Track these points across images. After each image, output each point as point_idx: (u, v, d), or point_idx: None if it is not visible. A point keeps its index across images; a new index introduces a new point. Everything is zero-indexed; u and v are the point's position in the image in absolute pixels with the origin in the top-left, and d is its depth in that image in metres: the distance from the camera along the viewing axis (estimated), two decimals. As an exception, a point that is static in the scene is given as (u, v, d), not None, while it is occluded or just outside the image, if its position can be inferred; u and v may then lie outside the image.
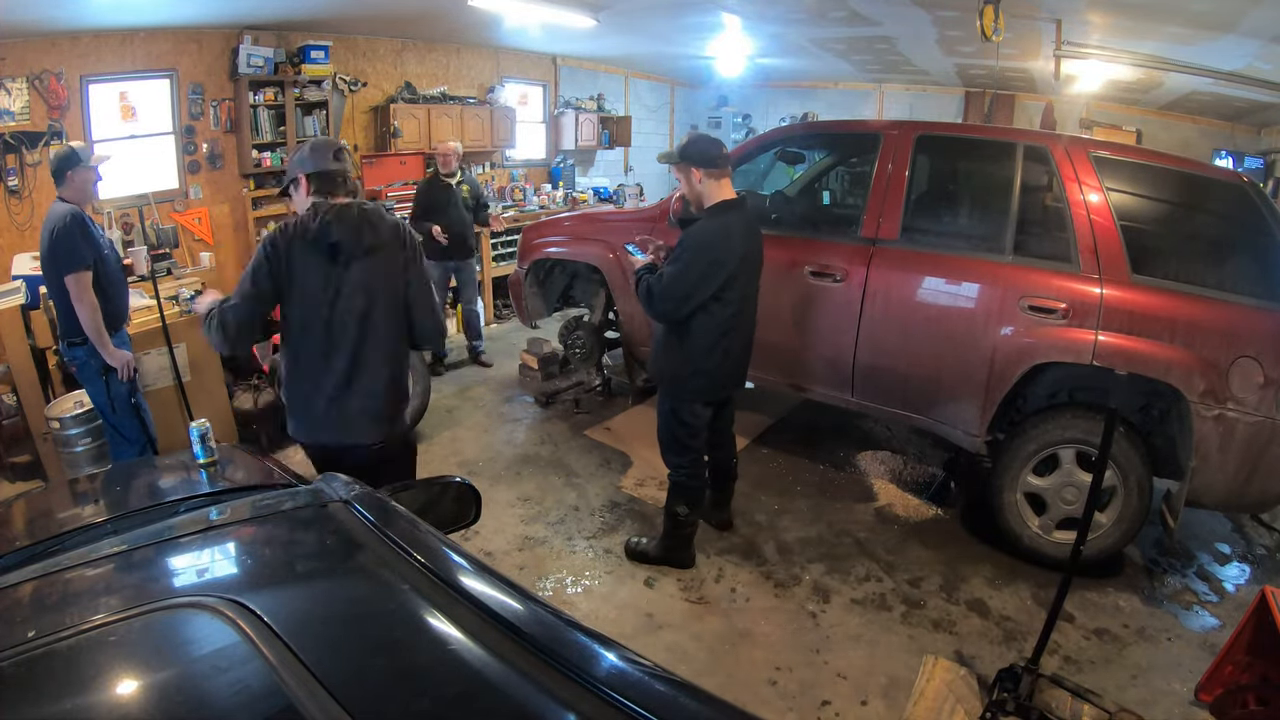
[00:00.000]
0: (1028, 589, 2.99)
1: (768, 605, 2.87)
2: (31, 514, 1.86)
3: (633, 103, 9.41)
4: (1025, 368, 2.96)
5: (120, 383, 3.09)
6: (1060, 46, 5.06)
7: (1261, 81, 5.08)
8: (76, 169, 2.93)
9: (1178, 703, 2.41)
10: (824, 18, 5.67)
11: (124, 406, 3.14)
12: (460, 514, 1.68)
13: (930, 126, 3.76)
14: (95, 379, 3.08)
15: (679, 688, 0.89)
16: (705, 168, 2.62)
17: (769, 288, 3.00)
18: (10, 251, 4.21)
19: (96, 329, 2.93)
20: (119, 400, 3.12)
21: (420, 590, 1.01)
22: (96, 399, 3.16)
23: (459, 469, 3.90)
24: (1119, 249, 2.86)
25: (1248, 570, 3.24)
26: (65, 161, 2.92)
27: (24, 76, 4.27)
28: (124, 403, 3.13)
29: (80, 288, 2.87)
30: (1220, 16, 4.05)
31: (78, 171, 2.94)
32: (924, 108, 8.61)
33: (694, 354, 2.71)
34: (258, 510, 1.38)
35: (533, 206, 7.55)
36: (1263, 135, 7.10)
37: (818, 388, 3.68)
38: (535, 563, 3.10)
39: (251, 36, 5.20)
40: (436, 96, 6.60)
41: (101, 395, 3.11)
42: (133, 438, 3.19)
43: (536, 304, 4.81)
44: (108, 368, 3.04)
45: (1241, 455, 2.69)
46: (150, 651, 0.94)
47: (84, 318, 2.91)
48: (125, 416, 3.16)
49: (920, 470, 3.99)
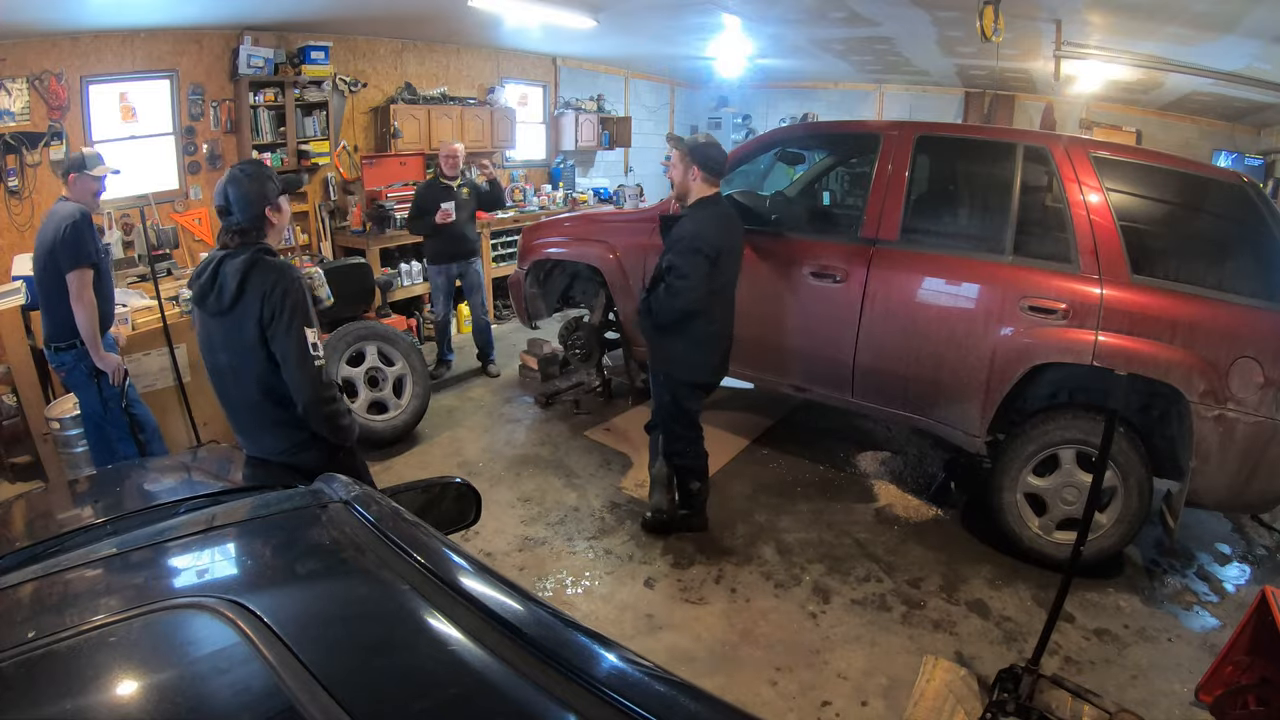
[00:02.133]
0: (1028, 589, 2.99)
1: (768, 605, 2.87)
2: (31, 514, 1.86)
3: (632, 103, 9.41)
4: (1025, 368, 2.96)
5: (112, 385, 3.07)
6: (1060, 47, 5.06)
7: (1261, 81, 5.08)
8: (80, 175, 2.95)
9: (1178, 703, 2.41)
10: (824, 18, 5.67)
11: (115, 410, 3.11)
12: (460, 515, 1.68)
13: (930, 127, 3.76)
14: (85, 383, 3.05)
15: (679, 688, 0.89)
16: (706, 173, 2.86)
17: (770, 288, 3.02)
18: (10, 252, 4.21)
19: (92, 330, 2.92)
20: (111, 403, 3.09)
21: (420, 591, 1.01)
22: (88, 404, 3.13)
23: (459, 469, 3.90)
24: (1119, 249, 2.86)
25: (1248, 570, 3.24)
26: (71, 165, 2.98)
27: (24, 77, 4.27)
28: (115, 406, 3.10)
29: (82, 285, 2.87)
30: (1220, 17, 4.04)
31: (81, 178, 2.96)
32: (924, 108, 8.61)
33: (695, 341, 2.93)
34: (258, 511, 1.38)
35: (533, 207, 7.56)
36: (1263, 135, 7.10)
37: (818, 388, 3.68)
38: (535, 563, 3.10)
39: (252, 37, 5.20)
40: (437, 97, 6.61)
41: (94, 400, 3.08)
42: (125, 437, 3.16)
43: (536, 305, 4.81)
44: (98, 371, 3.02)
45: (1241, 455, 2.69)
46: (150, 652, 0.94)
47: (81, 317, 2.89)
48: (117, 418, 3.13)
49: (920, 471, 3.98)
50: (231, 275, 1.93)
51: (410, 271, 6.04)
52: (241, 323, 1.95)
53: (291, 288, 1.95)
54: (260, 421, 2.09)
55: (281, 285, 1.94)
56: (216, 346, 2.05)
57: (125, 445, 3.16)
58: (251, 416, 2.10)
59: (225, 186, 1.97)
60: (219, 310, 1.97)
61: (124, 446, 3.16)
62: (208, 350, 2.08)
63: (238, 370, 2.04)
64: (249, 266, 1.94)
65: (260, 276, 1.94)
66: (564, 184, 8.29)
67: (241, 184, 1.97)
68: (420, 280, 6.07)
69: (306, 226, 5.94)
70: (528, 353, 5.20)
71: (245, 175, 1.99)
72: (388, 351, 4.20)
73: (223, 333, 2.01)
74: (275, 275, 1.95)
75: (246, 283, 1.93)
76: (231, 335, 1.99)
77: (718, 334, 3.00)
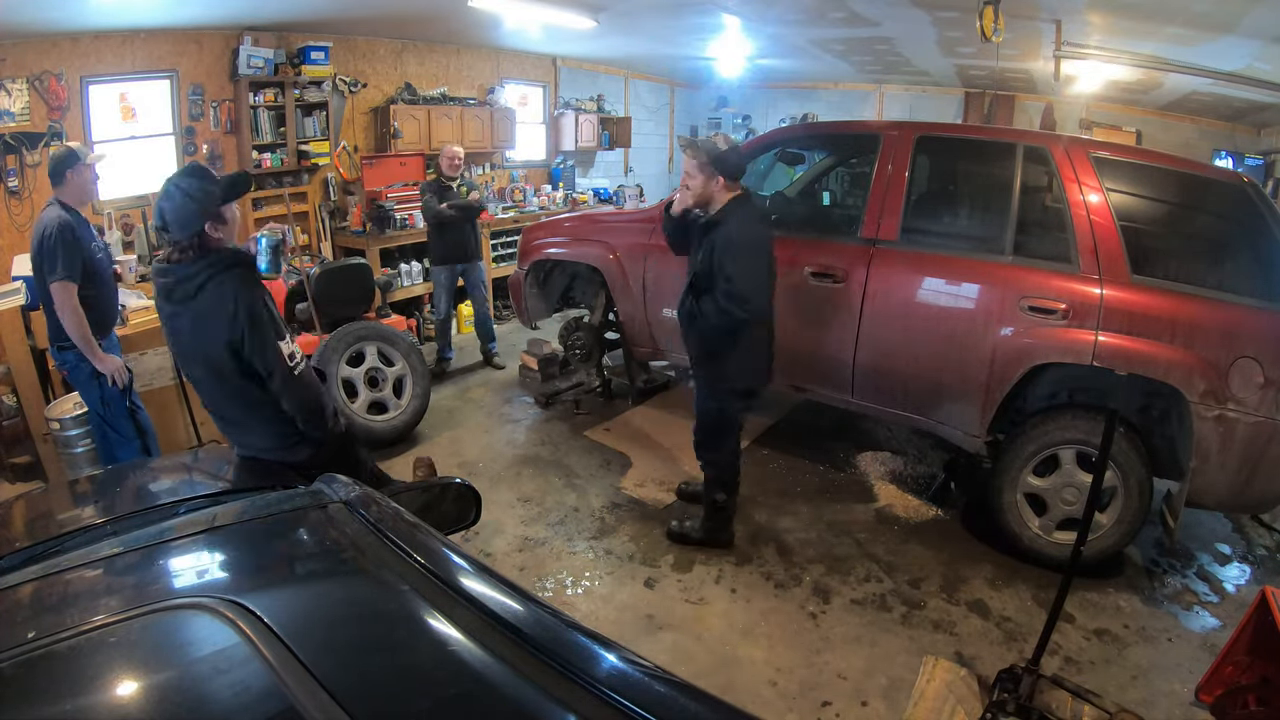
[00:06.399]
0: (1028, 589, 2.99)
1: (768, 606, 2.87)
2: (31, 515, 1.86)
3: (632, 104, 9.42)
4: (1025, 368, 2.96)
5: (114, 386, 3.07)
6: (1060, 47, 5.06)
7: (1261, 82, 5.08)
8: (75, 168, 2.91)
9: (1178, 703, 2.41)
10: (823, 18, 5.67)
11: (118, 408, 3.11)
12: (460, 515, 1.68)
13: (930, 127, 3.76)
14: (88, 382, 3.06)
15: (679, 689, 0.89)
16: (729, 179, 2.73)
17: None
18: (10, 252, 4.21)
19: (84, 337, 2.89)
20: (113, 402, 3.10)
21: (420, 591, 1.01)
22: (90, 402, 3.14)
23: (459, 470, 3.90)
24: (1119, 249, 2.86)
25: (1248, 570, 3.24)
26: (63, 162, 2.91)
27: (24, 77, 4.27)
28: (117, 404, 3.11)
29: (64, 296, 2.82)
30: (1220, 17, 4.04)
31: (77, 171, 2.92)
32: (924, 108, 8.62)
33: (747, 346, 2.81)
34: (258, 511, 1.38)
35: (533, 207, 7.56)
36: (1263, 135, 7.10)
37: (818, 388, 3.68)
38: (535, 564, 3.10)
39: (251, 37, 5.20)
40: (436, 97, 6.61)
41: (95, 398, 3.09)
42: (128, 437, 3.17)
43: (537, 305, 4.81)
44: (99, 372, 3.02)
45: (1241, 455, 2.68)
46: (150, 653, 0.94)
47: (69, 326, 2.86)
48: (120, 419, 3.13)
49: (920, 471, 3.98)
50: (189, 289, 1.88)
51: (410, 272, 6.05)
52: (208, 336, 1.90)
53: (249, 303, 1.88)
54: (242, 421, 2.09)
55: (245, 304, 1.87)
56: (189, 359, 2.04)
57: (125, 450, 3.15)
58: (235, 420, 2.10)
59: (160, 203, 1.86)
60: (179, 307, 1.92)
61: (123, 451, 3.15)
62: (182, 361, 2.09)
63: (209, 379, 2.02)
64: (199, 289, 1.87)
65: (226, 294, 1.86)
66: (564, 184, 8.29)
67: (175, 199, 1.85)
68: (420, 280, 6.08)
69: (306, 227, 5.94)
70: (528, 353, 5.20)
71: (180, 190, 1.85)
72: (388, 352, 4.20)
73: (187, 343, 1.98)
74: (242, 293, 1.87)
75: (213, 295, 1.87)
76: (197, 348, 1.96)
77: (768, 336, 2.92)
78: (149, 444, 3.25)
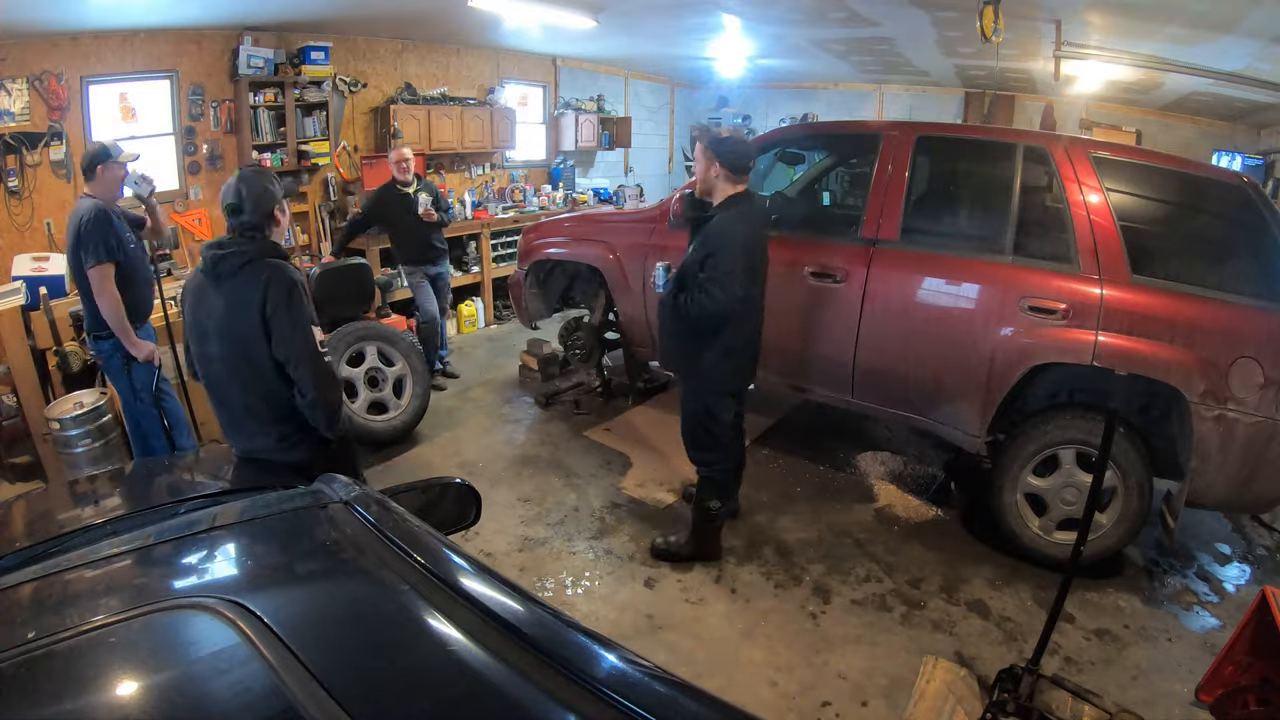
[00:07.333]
0: (1028, 590, 2.99)
1: (768, 606, 2.87)
2: (31, 515, 1.86)
3: (633, 104, 9.41)
4: (1025, 368, 2.96)
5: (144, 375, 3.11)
6: (1060, 47, 5.06)
7: (1261, 82, 5.08)
8: (107, 164, 2.97)
9: (1178, 703, 2.41)
10: (824, 18, 5.67)
11: (147, 400, 3.16)
12: (460, 515, 1.68)
13: (930, 127, 3.77)
14: (119, 372, 3.12)
15: (679, 689, 0.89)
16: (731, 171, 2.68)
17: (769, 288, 2.99)
18: (10, 252, 4.21)
19: (119, 321, 2.97)
20: (144, 392, 3.14)
21: (420, 591, 1.01)
22: (122, 392, 3.20)
23: (459, 470, 3.90)
24: (1119, 249, 2.86)
25: (1248, 570, 3.24)
26: (97, 157, 2.97)
27: (24, 77, 4.26)
28: (148, 395, 3.15)
29: (102, 279, 2.91)
30: (1220, 17, 4.04)
31: (109, 167, 2.98)
32: (924, 108, 8.61)
33: (729, 348, 2.76)
34: (258, 511, 1.38)
35: (533, 207, 7.55)
36: (1263, 135, 7.09)
37: (818, 388, 3.68)
38: (535, 564, 3.10)
39: (252, 37, 5.20)
40: (437, 97, 6.60)
41: (126, 388, 3.15)
42: (154, 431, 3.20)
43: (536, 305, 4.81)
44: (131, 359, 3.07)
45: (1241, 455, 2.68)
46: (150, 653, 0.94)
47: (105, 310, 2.94)
48: (148, 413, 3.18)
49: (920, 471, 3.98)
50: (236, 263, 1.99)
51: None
52: (241, 313, 1.97)
53: (289, 283, 2.00)
54: (248, 413, 2.09)
55: (285, 284, 1.99)
56: (208, 335, 2.05)
57: (157, 439, 3.21)
58: (240, 408, 2.10)
59: (237, 185, 2.03)
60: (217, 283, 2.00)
61: (156, 441, 3.21)
62: (198, 339, 2.08)
63: (228, 360, 2.04)
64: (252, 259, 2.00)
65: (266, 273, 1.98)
66: (564, 184, 8.29)
67: (253, 183, 2.05)
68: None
69: (306, 227, 5.94)
70: (528, 353, 5.20)
71: (256, 174, 2.10)
72: (388, 352, 4.20)
73: (217, 320, 2.01)
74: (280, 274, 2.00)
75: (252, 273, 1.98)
76: (226, 325, 2.00)
77: (749, 340, 2.85)
78: (178, 434, 3.27)
